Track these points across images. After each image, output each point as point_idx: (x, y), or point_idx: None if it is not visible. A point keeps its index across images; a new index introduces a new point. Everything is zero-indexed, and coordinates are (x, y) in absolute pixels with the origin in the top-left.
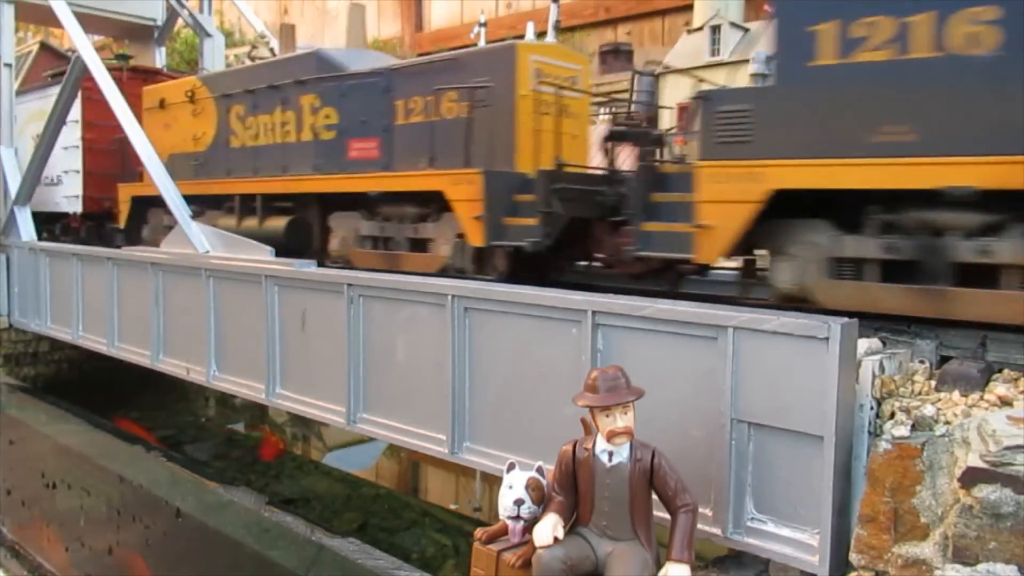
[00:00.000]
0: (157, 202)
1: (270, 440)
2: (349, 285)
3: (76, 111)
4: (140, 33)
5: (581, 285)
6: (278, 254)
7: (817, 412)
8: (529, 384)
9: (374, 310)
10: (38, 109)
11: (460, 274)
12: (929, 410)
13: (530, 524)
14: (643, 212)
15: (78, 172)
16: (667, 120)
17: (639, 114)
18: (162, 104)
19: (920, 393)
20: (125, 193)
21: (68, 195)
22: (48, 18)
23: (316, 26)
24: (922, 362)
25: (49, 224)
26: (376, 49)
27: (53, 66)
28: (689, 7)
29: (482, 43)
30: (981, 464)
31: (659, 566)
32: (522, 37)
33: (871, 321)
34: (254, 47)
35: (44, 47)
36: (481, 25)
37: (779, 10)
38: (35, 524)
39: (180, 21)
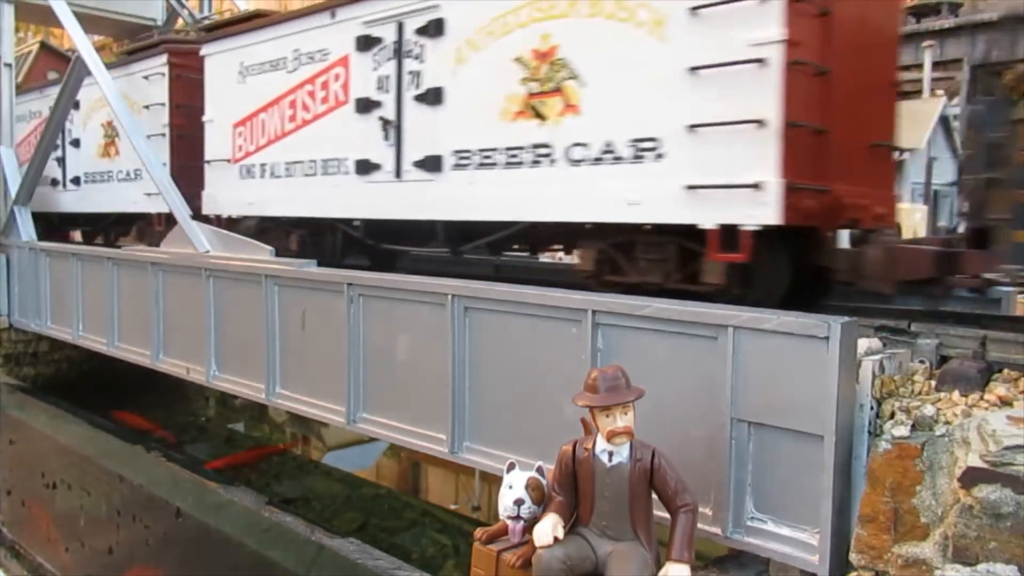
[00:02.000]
0: None
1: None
2: (349, 285)
3: None
4: (140, 33)
5: None
6: None
7: (817, 412)
8: (529, 384)
9: (374, 310)
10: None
11: None
12: (929, 410)
13: (530, 524)
14: None
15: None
16: None
17: None
18: None
19: (920, 393)
20: None
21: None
22: (48, 18)
23: None
24: (922, 362)
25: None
26: None
27: (53, 66)
28: None
29: None
30: (981, 464)
31: (659, 566)
32: None
33: (871, 321)
34: None
35: (44, 47)
36: None
37: None
38: (35, 524)
39: (180, 21)
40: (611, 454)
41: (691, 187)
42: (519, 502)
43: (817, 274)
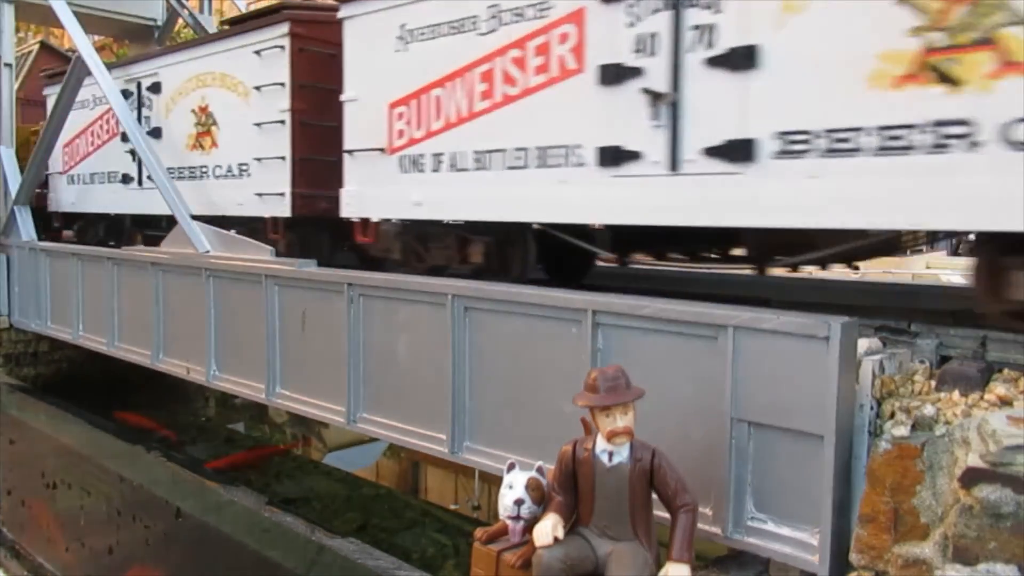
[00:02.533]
0: None
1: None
2: (349, 285)
3: None
4: (140, 33)
5: None
6: None
7: (817, 411)
8: (529, 384)
9: (374, 310)
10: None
11: None
12: (929, 410)
13: (530, 524)
14: None
15: None
16: None
17: None
18: None
19: (920, 393)
20: None
21: None
22: (48, 18)
23: None
24: (922, 362)
25: None
26: None
27: (53, 66)
28: None
29: None
30: (981, 464)
31: (659, 566)
32: None
33: (871, 321)
34: None
35: (44, 47)
36: None
37: None
38: (35, 524)
39: (180, 21)
40: (611, 454)
41: None
42: (519, 502)
43: None
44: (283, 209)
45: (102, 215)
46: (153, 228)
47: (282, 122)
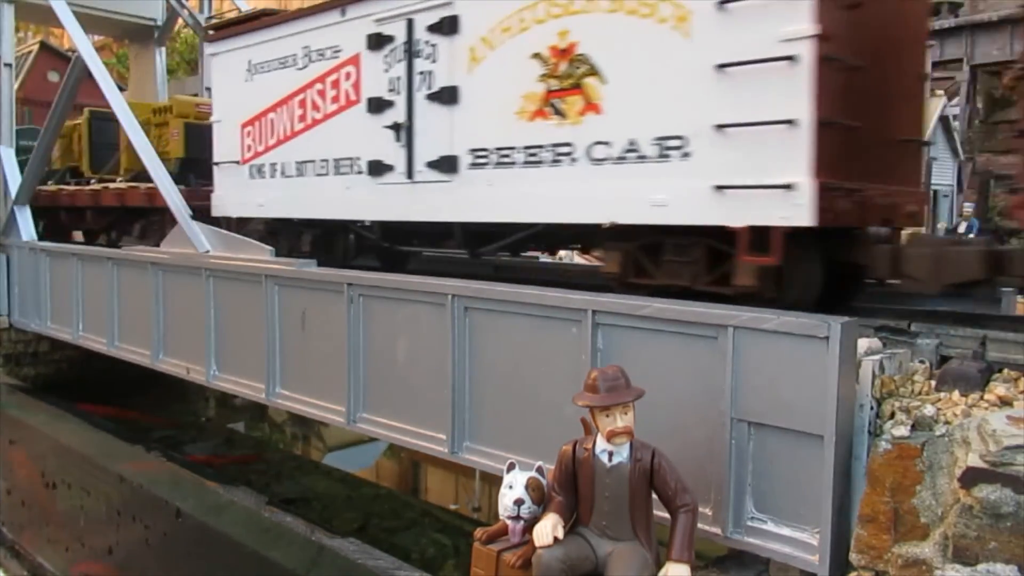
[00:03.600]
0: None
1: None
2: (349, 285)
3: None
4: (140, 33)
5: None
6: None
7: (817, 412)
8: (529, 384)
9: (374, 310)
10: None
11: None
12: (929, 410)
13: (530, 524)
14: None
15: None
16: None
17: None
18: None
19: (920, 393)
20: None
21: None
22: (48, 18)
23: None
24: (922, 362)
25: None
26: None
27: (53, 66)
28: None
29: None
30: (981, 464)
31: (659, 566)
32: None
33: (871, 321)
34: None
35: (44, 47)
36: None
37: None
38: (35, 524)
39: (180, 21)
40: (611, 454)
41: None
42: (519, 502)
43: None
44: (792, 212)
45: (307, 222)
46: (425, 242)
47: (789, 59)
